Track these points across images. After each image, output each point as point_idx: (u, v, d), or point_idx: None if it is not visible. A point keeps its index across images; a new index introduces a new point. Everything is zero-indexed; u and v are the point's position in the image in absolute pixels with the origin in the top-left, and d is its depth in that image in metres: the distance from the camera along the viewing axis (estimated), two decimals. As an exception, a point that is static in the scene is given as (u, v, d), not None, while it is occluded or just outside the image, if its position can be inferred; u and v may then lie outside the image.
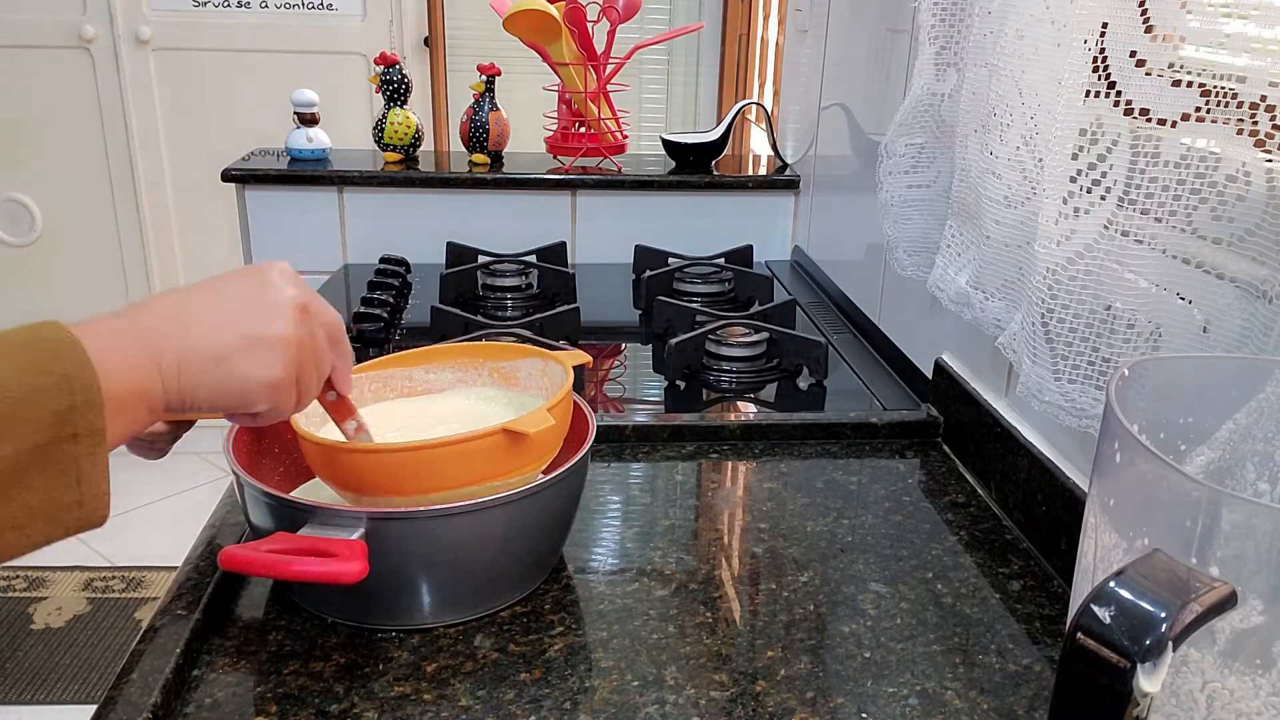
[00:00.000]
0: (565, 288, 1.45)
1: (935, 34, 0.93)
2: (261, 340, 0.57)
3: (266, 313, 0.57)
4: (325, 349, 0.63)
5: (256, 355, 0.57)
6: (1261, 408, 0.52)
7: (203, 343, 0.55)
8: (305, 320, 0.59)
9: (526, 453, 0.72)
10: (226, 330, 0.56)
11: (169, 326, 0.54)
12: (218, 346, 0.55)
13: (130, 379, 0.51)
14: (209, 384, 0.55)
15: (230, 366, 0.56)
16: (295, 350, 0.58)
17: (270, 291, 0.58)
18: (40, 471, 0.47)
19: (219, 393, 0.56)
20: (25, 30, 2.79)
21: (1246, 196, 0.60)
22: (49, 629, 2.27)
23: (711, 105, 3.19)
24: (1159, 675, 0.37)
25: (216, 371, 0.55)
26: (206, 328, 0.55)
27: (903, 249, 1.05)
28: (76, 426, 0.47)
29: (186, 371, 0.54)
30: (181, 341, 0.54)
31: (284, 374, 0.58)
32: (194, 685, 0.66)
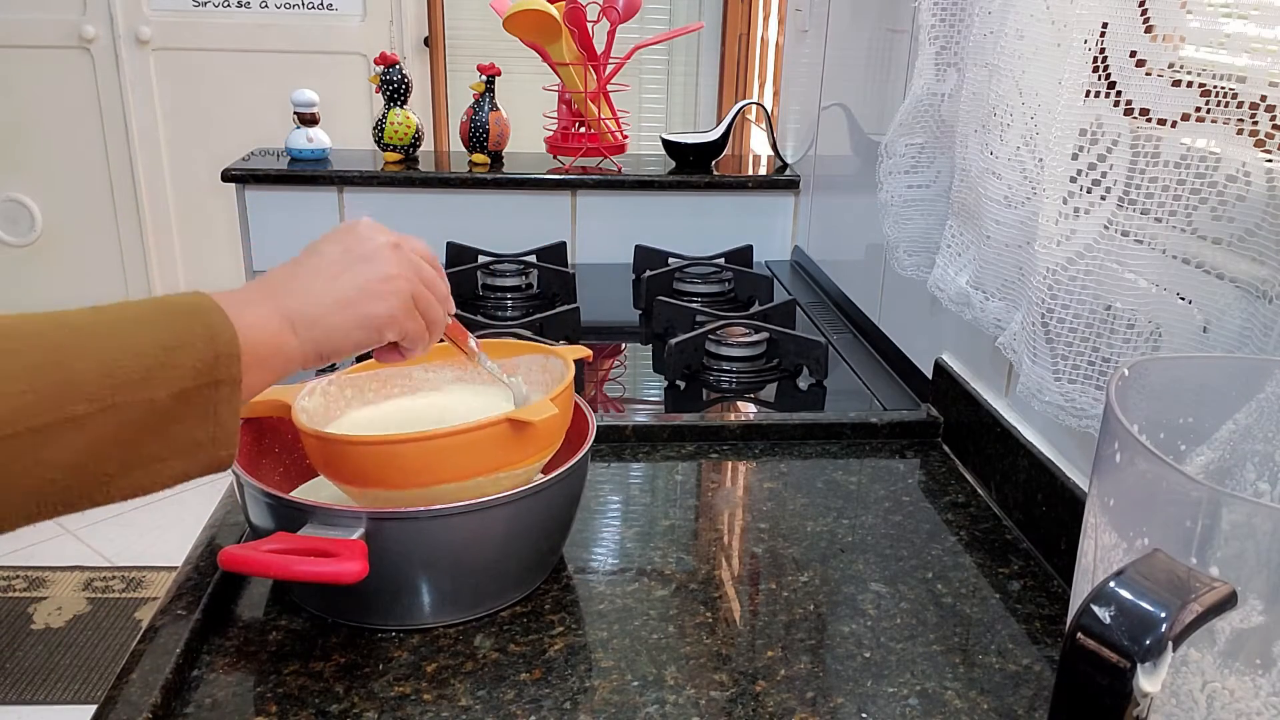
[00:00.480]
0: (565, 288, 1.45)
1: (935, 34, 0.93)
2: (371, 279, 0.63)
3: (368, 257, 0.64)
4: (433, 276, 0.68)
5: (371, 294, 0.63)
6: (1261, 408, 0.52)
7: (324, 297, 0.61)
8: (402, 255, 0.65)
9: (531, 443, 0.72)
10: (340, 281, 0.62)
11: (289, 292, 0.61)
12: (338, 295, 0.62)
13: (265, 335, 0.58)
14: (341, 329, 0.62)
15: (354, 310, 0.62)
16: (403, 282, 0.64)
17: (365, 242, 0.65)
18: (184, 413, 0.53)
19: (351, 333, 0.62)
20: (25, 30, 2.79)
21: (1246, 196, 0.60)
22: (49, 629, 2.27)
23: (711, 105, 3.19)
24: (1159, 675, 0.37)
25: (343, 317, 0.62)
26: (322, 284, 0.62)
27: (903, 249, 1.05)
28: (219, 374, 0.54)
29: (318, 324, 0.61)
30: (304, 299, 0.61)
31: (401, 304, 0.64)
32: (194, 685, 0.66)
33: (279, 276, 0.62)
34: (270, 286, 0.61)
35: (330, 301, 0.61)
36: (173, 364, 0.52)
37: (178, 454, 0.54)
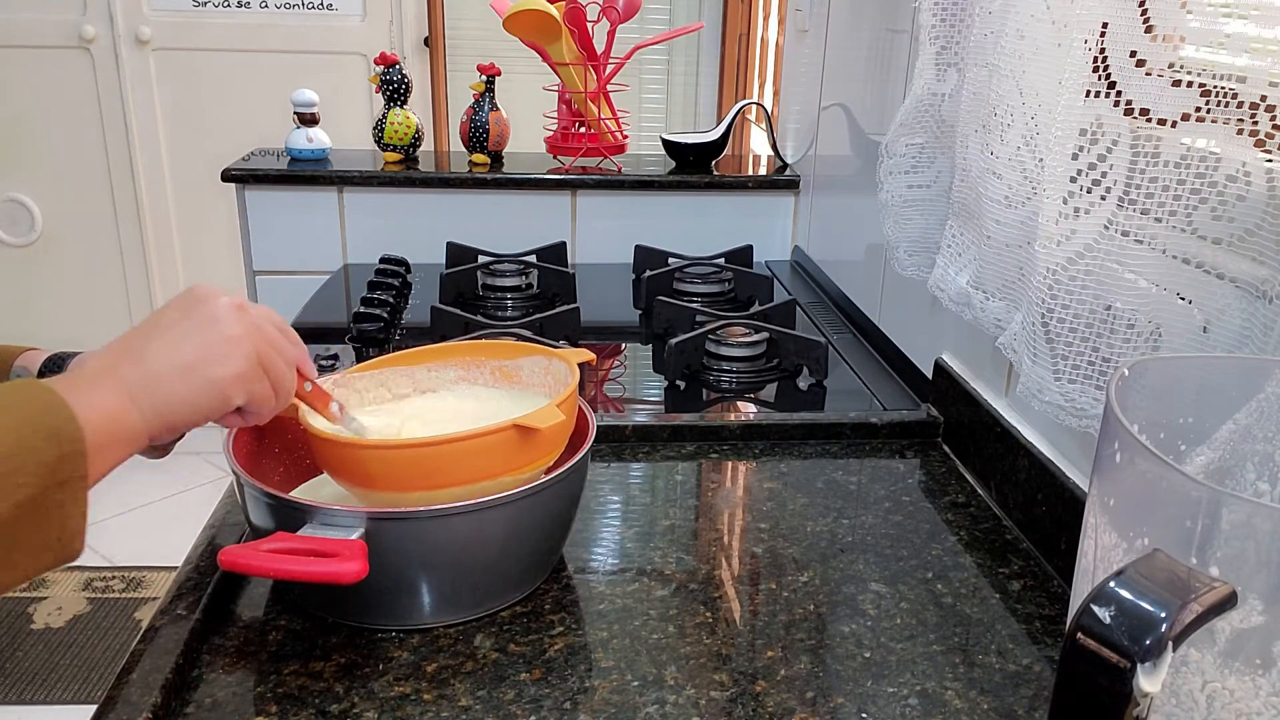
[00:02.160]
0: (565, 288, 1.45)
1: (936, 34, 0.93)
2: (214, 342, 0.62)
3: (208, 319, 0.62)
4: (279, 336, 0.67)
5: (214, 356, 0.61)
6: (1261, 408, 0.52)
7: (163, 364, 0.60)
8: (244, 315, 0.64)
9: (536, 448, 0.72)
10: (179, 346, 0.61)
11: (128, 362, 0.59)
12: (177, 360, 0.60)
13: (106, 416, 0.56)
14: (182, 396, 0.60)
15: (196, 374, 0.61)
16: (248, 341, 0.63)
17: (204, 304, 0.63)
18: (29, 519, 0.52)
19: (195, 400, 0.61)
20: (25, 30, 2.78)
21: (1246, 196, 0.60)
22: (49, 629, 2.27)
23: (711, 105, 3.19)
24: (1159, 675, 0.37)
25: (184, 383, 0.60)
26: (161, 350, 0.60)
27: (903, 249, 1.05)
28: (63, 474, 0.53)
29: (158, 394, 0.59)
30: (143, 369, 0.59)
31: (247, 363, 0.63)
32: (194, 685, 0.66)
33: (120, 347, 0.60)
34: (112, 358, 0.59)
35: (171, 368, 0.60)
36: (14, 472, 0.51)
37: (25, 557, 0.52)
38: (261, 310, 0.67)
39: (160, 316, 0.63)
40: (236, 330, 0.63)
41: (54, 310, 3.05)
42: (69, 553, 0.54)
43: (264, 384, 0.64)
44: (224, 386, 0.62)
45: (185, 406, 0.60)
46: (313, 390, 0.73)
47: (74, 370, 0.59)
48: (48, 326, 3.02)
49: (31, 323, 3.03)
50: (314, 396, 0.73)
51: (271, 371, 0.65)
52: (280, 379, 0.66)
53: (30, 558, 0.53)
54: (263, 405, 0.65)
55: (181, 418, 0.61)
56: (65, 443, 0.53)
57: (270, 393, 0.65)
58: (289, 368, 0.67)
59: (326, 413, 0.74)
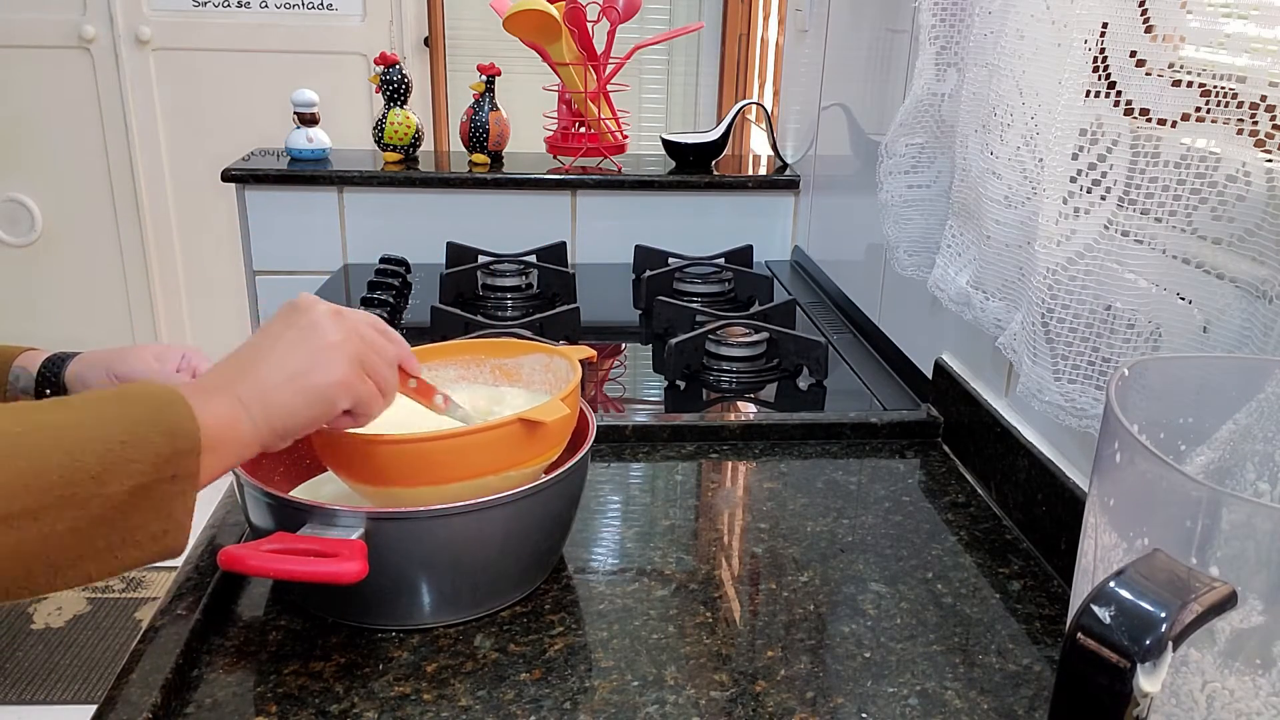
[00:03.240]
0: (565, 288, 1.45)
1: (935, 34, 0.93)
2: (315, 350, 0.64)
3: (309, 329, 0.65)
4: (379, 338, 0.69)
5: (318, 364, 0.64)
6: (1261, 408, 0.52)
7: (273, 377, 0.62)
8: (343, 322, 0.66)
9: (541, 442, 0.72)
10: (285, 357, 0.64)
11: (239, 377, 0.62)
12: (284, 371, 0.63)
13: (224, 427, 0.59)
14: (290, 405, 0.63)
15: (303, 382, 0.63)
16: (348, 346, 0.65)
17: (304, 314, 0.66)
18: (140, 506, 0.54)
19: (303, 408, 0.63)
20: (25, 30, 2.78)
21: (1246, 196, 0.60)
22: (49, 629, 2.27)
23: (711, 105, 3.19)
24: (1159, 675, 0.37)
25: (292, 392, 0.63)
26: (270, 364, 0.63)
27: (903, 249, 1.05)
28: (176, 469, 0.55)
29: (269, 404, 0.62)
30: (254, 382, 0.62)
31: (349, 369, 0.65)
32: (194, 685, 0.66)
33: (232, 362, 0.63)
34: (225, 373, 0.62)
35: (279, 380, 0.62)
36: (130, 459, 0.53)
37: (129, 545, 0.55)
38: (359, 314, 0.68)
39: (265, 330, 0.65)
40: (336, 337, 0.65)
41: (54, 310, 3.05)
42: (172, 547, 0.56)
43: (368, 385, 0.66)
44: (329, 392, 0.64)
45: (294, 414, 0.63)
46: (418, 385, 0.74)
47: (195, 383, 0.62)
48: (48, 326, 3.02)
49: (31, 323, 3.03)
50: (419, 391, 0.74)
51: (374, 373, 0.67)
52: (383, 379, 0.68)
53: (133, 546, 0.55)
54: (370, 406, 0.67)
55: (291, 425, 0.63)
56: (182, 439, 0.55)
57: (376, 392, 0.67)
58: (390, 367, 0.69)
59: (432, 405, 0.75)
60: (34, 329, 3.01)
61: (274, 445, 0.63)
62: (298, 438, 0.65)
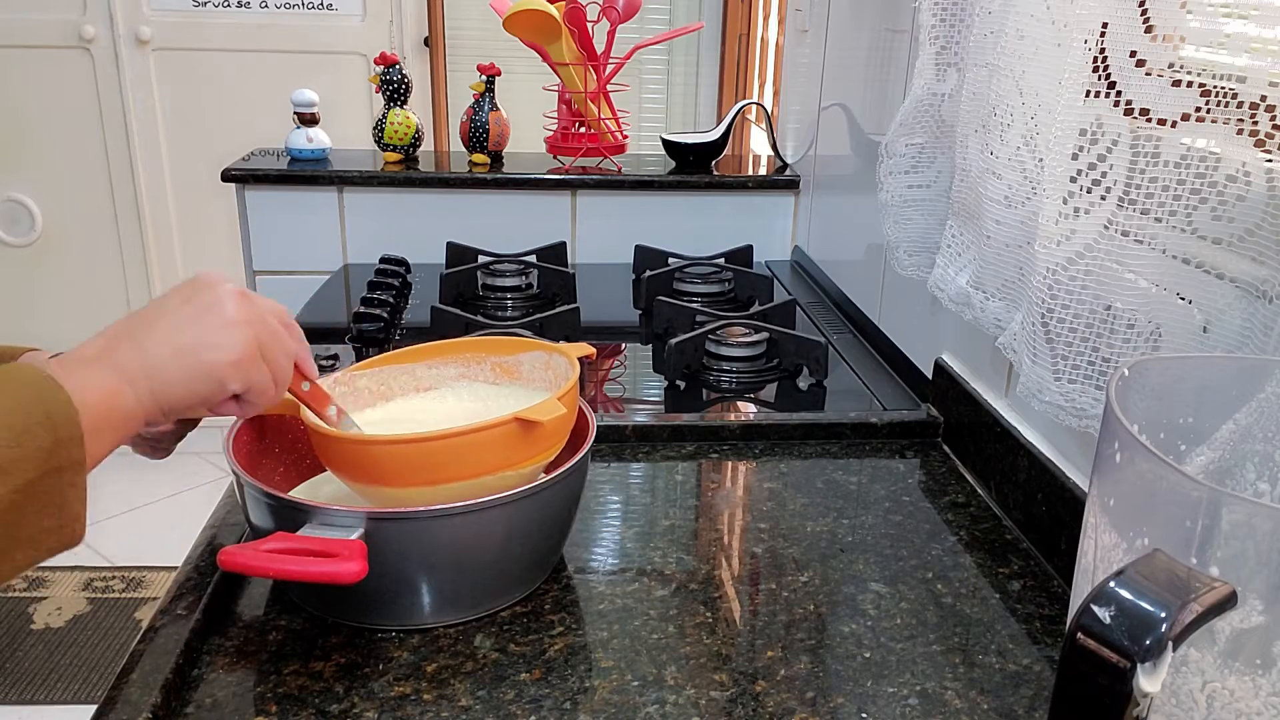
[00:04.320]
0: (565, 288, 1.45)
1: (935, 34, 0.93)
2: (212, 327, 0.61)
3: (210, 304, 0.62)
4: (279, 328, 0.66)
5: (213, 340, 0.61)
6: (1261, 408, 0.52)
7: (161, 347, 0.59)
8: (247, 303, 0.64)
9: (538, 441, 0.72)
10: (178, 330, 0.60)
11: (126, 345, 0.59)
12: (175, 344, 0.60)
13: (104, 402, 0.56)
14: (178, 380, 0.60)
15: (192, 357, 0.60)
16: (247, 328, 0.62)
17: (207, 289, 0.63)
18: (30, 505, 0.51)
19: (190, 384, 0.60)
20: (25, 30, 2.78)
21: (1246, 196, 0.60)
22: (49, 629, 2.27)
23: (711, 105, 3.19)
24: (1159, 675, 0.37)
25: (180, 365, 0.60)
26: (160, 334, 0.60)
27: (903, 249, 1.05)
28: (60, 460, 0.52)
29: (154, 376, 0.59)
30: (140, 353, 0.59)
31: (244, 349, 0.62)
32: (194, 685, 0.66)
33: (118, 330, 0.60)
34: (110, 341, 0.59)
35: (168, 351, 0.59)
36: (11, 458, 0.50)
37: (25, 545, 0.52)
38: (266, 302, 0.66)
39: (163, 301, 0.62)
40: (237, 317, 0.62)
41: (54, 310, 3.05)
42: (71, 538, 0.54)
43: (262, 372, 0.64)
44: (220, 371, 0.61)
45: (181, 389, 0.60)
46: (311, 390, 0.72)
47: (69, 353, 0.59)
48: (48, 326, 3.02)
49: (32, 323, 3.03)
50: (312, 396, 0.73)
51: (271, 362, 0.64)
52: (279, 370, 0.66)
53: (31, 545, 0.52)
54: (260, 395, 0.65)
55: (177, 401, 0.60)
56: (61, 427, 0.52)
57: (269, 382, 0.65)
58: (288, 360, 0.67)
59: (324, 414, 0.73)
60: (34, 329, 3.01)
61: (158, 421, 0.60)
62: (183, 415, 0.62)
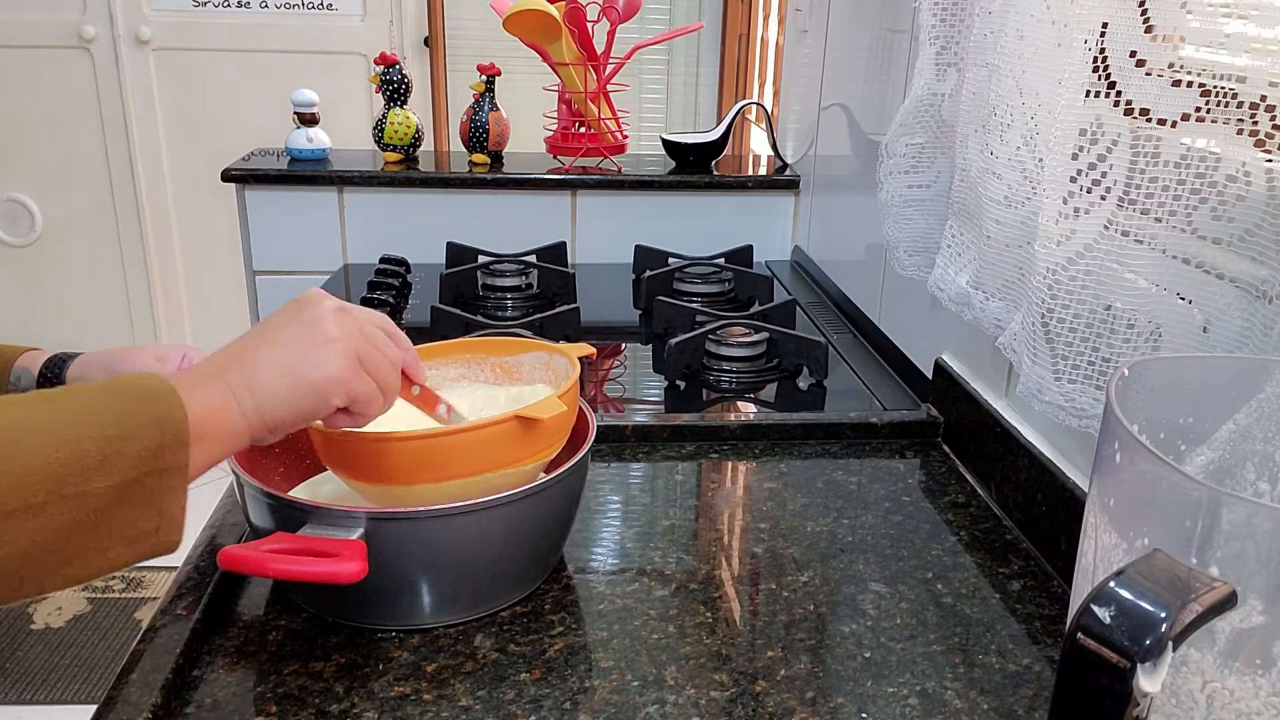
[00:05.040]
0: (565, 288, 1.45)
1: (935, 34, 0.93)
2: (311, 345, 0.63)
3: (311, 321, 0.64)
4: (382, 338, 0.68)
5: (313, 358, 0.63)
6: (1261, 408, 0.52)
7: (267, 368, 0.61)
8: (346, 318, 0.65)
9: (539, 439, 0.72)
10: (280, 350, 0.62)
11: (234, 366, 0.61)
12: (278, 364, 0.62)
13: (213, 416, 0.58)
14: (283, 398, 0.61)
15: (296, 375, 0.62)
16: (347, 343, 0.64)
17: (307, 308, 0.65)
18: (130, 502, 0.53)
19: (295, 402, 0.62)
20: (25, 30, 2.78)
21: (1246, 196, 0.60)
22: (49, 629, 2.27)
23: (711, 105, 3.19)
24: (1159, 675, 0.37)
25: (285, 384, 0.61)
26: (263, 356, 0.62)
27: (903, 249, 1.05)
28: (164, 463, 0.54)
29: (259, 394, 0.60)
30: (249, 372, 0.61)
31: (346, 364, 0.63)
32: (194, 685, 0.66)
33: (229, 351, 0.62)
34: (220, 362, 0.61)
35: (272, 371, 0.61)
36: (117, 453, 0.52)
37: (121, 543, 0.53)
38: (367, 313, 0.67)
39: (267, 322, 0.64)
40: (336, 333, 0.63)
41: (54, 310, 3.05)
42: (167, 543, 0.55)
43: (366, 384, 0.65)
44: (323, 387, 0.63)
45: (286, 408, 0.62)
46: (421, 393, 0.73)
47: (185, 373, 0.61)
48: (48, 326, 3.02)
49: (32, 323, 3.03)
50: (422, 399, 0.74)
51: (376, 373, 0.65)
52: (384, 379, 0.66)
53: (126, 544, 0.54)
54: (368, 405, 0.66)
55: (283, 418, 0.62)
56: (169, 431, 0.54)
57: (375, 391, 0.66)
58: (393, 368, 0.68)
59: (435, 414, 0.74)
60: (34, 329, 3.01)
61: (265, 438, 0.62)
62: (291, 430, 0.64)
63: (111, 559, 0.54)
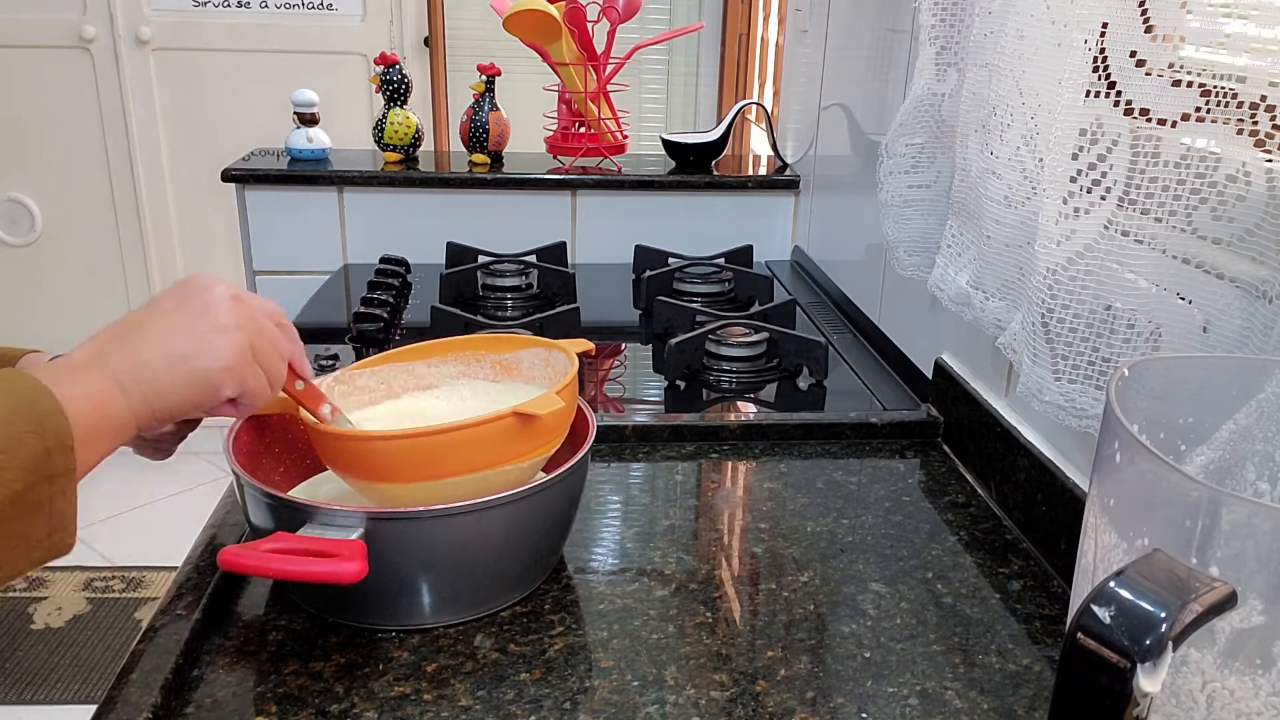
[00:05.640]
0: (565, 288, 1.45)
1: (935, 34, 0.93)
2: (204, 332, 0.61)
3: (202, 308, 0.61)
4: (273, 329, 0.66)
5: (205, 346, 0.60)
6: (1261, 408, 0.52)
7: (152, 354, 0.59)
8: (240, 306, 0.63)
9: (538, 435, 0.72)
10: (170, 336, 0.60)
11: (117, 351, 0.58)
12: (167, 350, 0.59)
13: (95, 409, 0.55)
14: (171, 386, 0.59)
15: (185, 364, 0.60)
16: (240, 332, 0.62)
17: (200, 294, 0.62)
18: (21, 513, 0.51)
19: (184, 390, 0.60)
20: (25, 30, 2.78)
21: (1246, 196, 0.60)
22: (49, 629, 2.27)
23: (711, 105, 3.19)
24: (1159, 675, 0.37)
25: (173, 372, 0.59)
26: (151, 340, 0.59)
27: (903, 249, 1.05)
28: (51, 468, 0.52)
29: (147, 382, 0.58)
30: (133, 359, 0.58)
31: (237, 354, 0.61)
32: (194, 685, 0.66)
33: (110, 335, 0.60)
34: (102, 346, 0.59)
35: (160, 358, 0.59)
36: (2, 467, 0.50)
37: (14, 552, 0.52)
38: (260, 302, 0.66)
39: (155, 304, 0.62)
40: (229, 321, 0.62)
41: (54, 310, 3.04)
42: (61, 547, 0.54)
43: (257, 376, 0.63)
44: (213, 377, 0.61)
45: (174, 396, 0.60)
46: (305, 389, 0.72)
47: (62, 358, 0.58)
48: (48, 326, 3.02)
49: (32, 323, 3.03)
50: (306, 395, 0.72)
51: (266, 365, 0.64)
52: (273, 372, 0.65)
53: (21, 553, 0.52)
54: (255, 397, 0.64)
55: (170, 407, 0.60)
56: (51, 435, 0.52)
57: (264, 384, 0.64)
58: (281, 362, 0.66)
59: (318, 413, 0.73)
60: (34, 329, 3.01)
61: (151, 427, 0.60)
62: (178, 419, 0.62)
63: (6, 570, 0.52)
